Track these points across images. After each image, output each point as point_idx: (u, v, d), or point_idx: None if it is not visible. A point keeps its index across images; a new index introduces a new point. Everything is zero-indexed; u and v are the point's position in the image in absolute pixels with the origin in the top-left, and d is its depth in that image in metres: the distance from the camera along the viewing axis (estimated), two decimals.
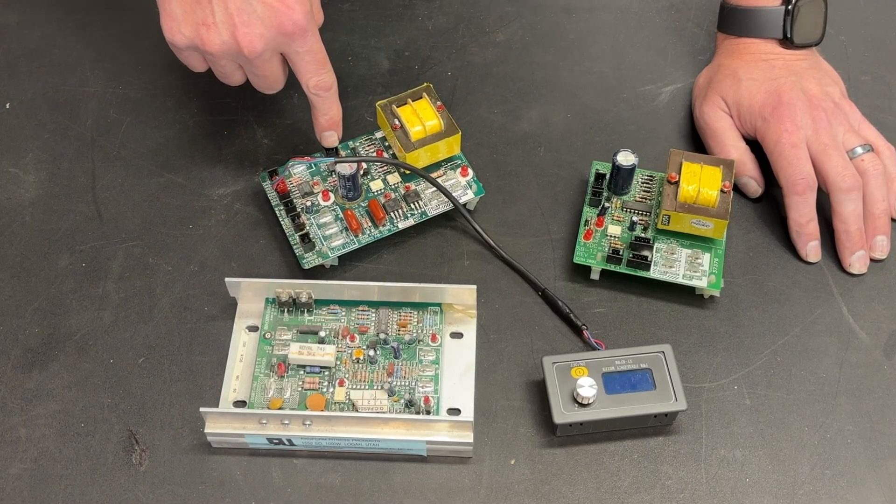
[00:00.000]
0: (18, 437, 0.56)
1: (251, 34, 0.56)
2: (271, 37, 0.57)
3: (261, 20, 0.56)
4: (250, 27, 0.56)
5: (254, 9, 0.56)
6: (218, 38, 0.56)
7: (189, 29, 0.57)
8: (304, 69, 0.59)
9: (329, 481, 0.54)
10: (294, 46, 0.58)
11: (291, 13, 0.56)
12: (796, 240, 0.63)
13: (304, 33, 0.57)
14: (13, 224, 0.65)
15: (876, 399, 0.58)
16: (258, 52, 0.57)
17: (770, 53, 0.67)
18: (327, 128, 0.63)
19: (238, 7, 0.56)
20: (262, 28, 0.56)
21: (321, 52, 0.59)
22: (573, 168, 0.68)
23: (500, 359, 0.59)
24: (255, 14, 0.56)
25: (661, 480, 0.55)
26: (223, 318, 0.60)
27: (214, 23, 0.56)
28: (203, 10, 0.56)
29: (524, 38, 0.76)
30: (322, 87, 0.61)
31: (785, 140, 0.63)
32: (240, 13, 0.56)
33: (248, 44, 0.56)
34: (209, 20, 0.56)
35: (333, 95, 0.62)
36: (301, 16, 0.56)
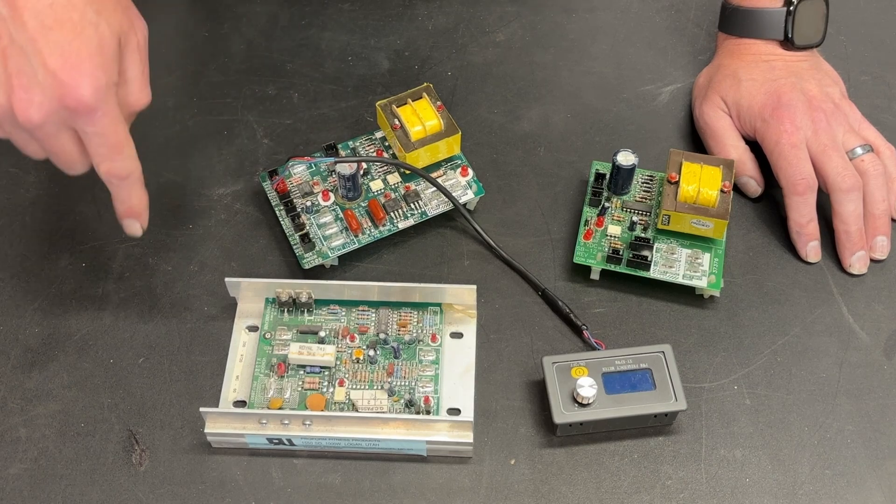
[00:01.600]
0: (18, 437, 0.56)
1: (28, 101, 0.47)
2: (52, 109, 0.47)
3: (41, 88, 0.47)
4: (29, 93, 0.47)
5: (35, 72, 0.47)
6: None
7: None
8: (95, 152, 0.50)
9: (329, 481, 0.54)
10: (81, 125, 0.49)
11: (76, 87, 0.47)
12: (796, 240, 0.63)
13: (91, 113, 0.48)
14: (13, 224, 0.65)
15: (876, 399, 0.58)
16: (36, 123, 0.48)
17: (771, 54, 0.67)
18: (126, 216, 0.55)
19: (18, 67, 0.47)
20: (42, 97, 0.47)
21: (116, 135, 0.50)
22: (573, 168, 0.68)
23: (500, 359, 0.59)
24: (35, 79, 0.47)
25: (661, 480, 0.55)
26: (223, 318, 0.60)
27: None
28: None
29: (524, 38, 0.76)
30: (115, 175, 0.52)
31: (785, 141, 0.63)
32: (19, 74, 0.47)
33: (23, 111, 0.47)
34: None
35: (133, 184, 0.53)
36: (88, 92, 0.47)
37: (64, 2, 0.47)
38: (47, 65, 0.47)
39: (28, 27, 0.46)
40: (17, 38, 0.47)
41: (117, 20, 0.49)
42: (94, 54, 0.47)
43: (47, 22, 0.47)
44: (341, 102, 0.72)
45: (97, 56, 0.48)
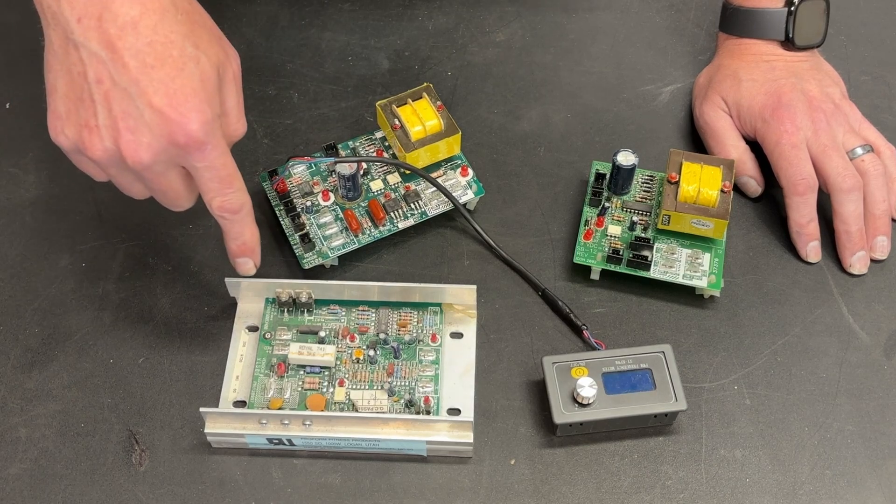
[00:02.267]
0: (18, 437, 0.56)
1: (136, 143, 0.47)
2: (161, 148, 0.47)
3: (149, 128, 0.46)
4: (136, 134, 0.46)
5: (141, 112, 0.46)
6: (101, 143, 0.47)
7: (72, 130, 0.48)
8: (207, 188, 0.50)
9: (329, 481, 0.54)
10: (191, 161, 0.48)
11: (185, 123, 0.46)
12: (797, 240, 0.63)
13: (201, 147, 0.47)
14: (13, 224, 0.65)
15: (876, 399, 0.58)
16: (145, 164, 0.47)
17: (771, 55, 0.67)
18: (239, 254, 0.54)
19: (123, 109, 0.46)
20: (150, 137, 0.46)
21: (226, 167, 0.50)
22: (573, 168, 0.68)
23: (500, 359, 0.59)
24: (141, 119, 0.46)
25: (661, 480, 0.55)
26: (223, 318, 0.60)
27: (97, 126, 0.47)
28: (86, 109, 0.47)
29: (524, 38, 0.76)
30: (228, 210, 0.51)
31: (785, 141, 0.63)
32: (125, 117, 0.46)
33: (133, 153, 0.47)
34: (91, 122, 0.47)
35: (245, 217, 0.52)
36: (197, 126, 0.47)
37: (163, 39, 0.46)
38: (153, 104, 0.46)
39: (130, 68, 0.46)
40: (119, 81, 0.46)
41: (214, 53, 0.49)
42: (197, 89, 0.47)
43: (148, 61, 0.46)
44: (341, 102, 0.72)
45: (201, 91, 0.47)
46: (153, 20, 0.46)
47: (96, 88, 0.46)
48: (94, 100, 0.47)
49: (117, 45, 0.45)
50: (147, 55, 0.46)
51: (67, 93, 0.47)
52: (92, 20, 0.45)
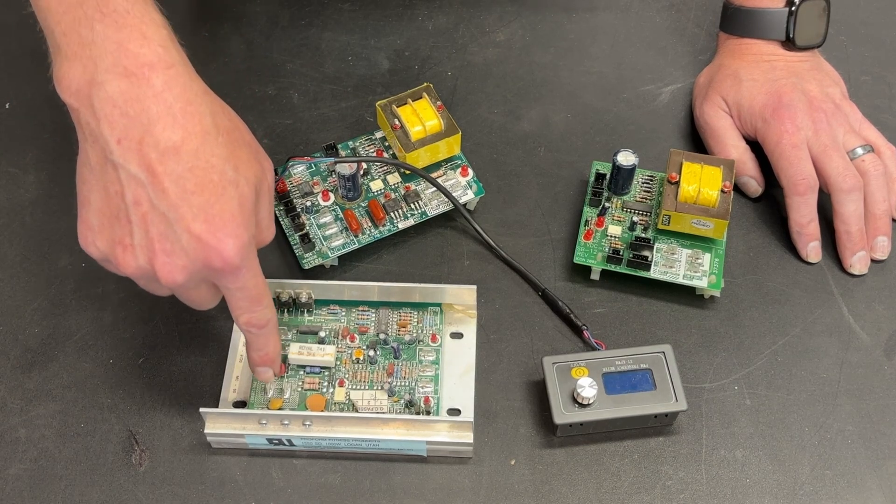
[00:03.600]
0: (18, 437, 0.56)
1: (171, 265, 0.46)
2: (196, 270, 0.47)
3: (185, 252, 0.46)
4: (172, 257, 0.46)
5: (178, 237, 0.45)
6: (134, 261, 0.47)
7: (104, 244, 0.47)
8: (236, 305, 0.50)
9: (329, 481, 0.54)
10: (223, 282, 0.48)
11: (222, 249, 0.46)
12: (797, 240, 0.63)
13: (236, 271, 0.47)
14: (13, 224, 0.65)
15: (876, 399, 0.58)
16: (179, 284, 0.47)
17: (772, 55, 0.67)
18: (260, 363, 0.54)
19: (160, 232, 0.45)
20: (186, 260, 0.46)
21: (257, 287, 0.49)
22: (573, 168, 0.68)
23: (500, 359, 0.59)
24: (178, 243, 0.46)
25: (662, 481, 0.55)
26: (223, 318, 0.60)
27: (132, 245, 0.46)
28: (121, 228, 0.46)
29: (524, 38, 0.76)
30: (255, 325, 0.51)
31: (785, 141, 0.63)
32: (162, 240, 0.46)
33: (167, 274, 0.46)
34: (126, 240, 0.46)
35: (270, 331, 0.52)
36: (234, 252, 0.46)
37: (203, 164, 0.45)
38: (191, 230, 0.45)
39: (169, 194, 0.45)
40: (158, 205, 0.45)
41: (253, 172, 0.48)
42: (235, 214, 0.46)
43: (188, 187, 0.45)
44: (341, 102, 0.72)
45: (239, 215, 0.46)
46: (194, 145, 0.45)
47: (133, 210, 0.45)
48: (130, 220, 0.46)
49: (157, 169, 0.45)
50: (187, 181, 0.45)
51: (102, 208, 0.47)
52: (132, 143, 0.44)
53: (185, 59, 0.47)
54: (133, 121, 0.44)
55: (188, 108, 0.45)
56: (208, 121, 0.46)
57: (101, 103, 0.45)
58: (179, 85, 0.45)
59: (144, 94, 0.44)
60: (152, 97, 0.44)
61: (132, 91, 0.44)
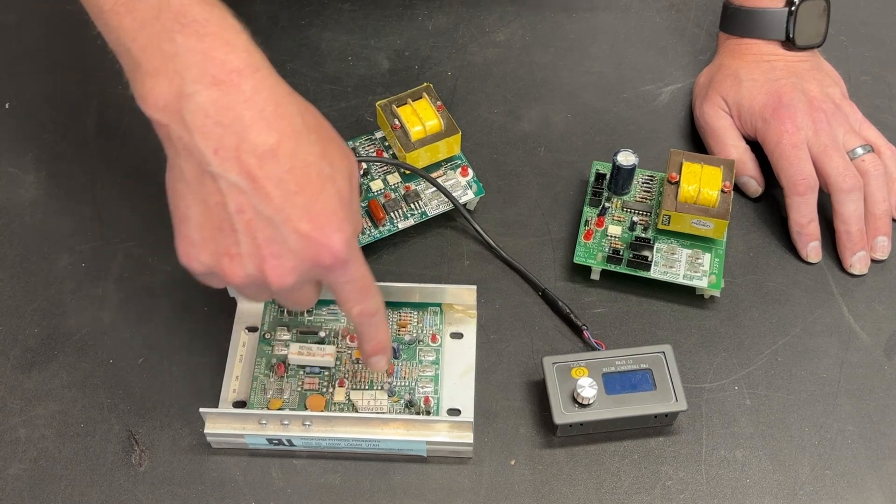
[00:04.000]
0: (18, 437, 0.56)
1: (281, 268, 0.46)
2: (305, 269, 0.47)
3: (293, 253, 0.46)
4: (281, 260, 0.46)
5: (285, 239, 0.45)
6: (242, 270, 0.46)
7: (209, 257, 0.47)
8: (347, 298, 0.50)
9: (329, 482, 0.54)
10: (333, 277, 0.48)
11: (330, 244, 0.46)
12: (797, 240, 0.63)
13: (345, 265, 0.47)
14: (13, 224, 0.65)
15: (876, 399, 0.58)
16: (289, 286, 0.47)
17: (772, 55, 0.67)
18: (374, 353, 0.53)
19: (267, 237, 0.45)
20: (295, 261, 0.46)
21: (365, 277, 0.49)
22: (573, 168, 0.68)
23: (500, 359, 0.59)
24: (286, 245, 0.45)
25: (662, 481, 0.55)
26: (223, 319, 0.60)
27: (239, 254, 0.46)
28: (226, 238, 0.46)
29: (524, 38, 0.76)
30: (367, 315, 0.51)
31: (786, 141, 0.63)
32: (269, 244, 0.46)
33: (278, 278, 0.46)
34: (232, 250, 0.46)
35: (381, 319, 0.52)
36: (341, 246, 0.46)
37: (301, 164, 0.45)
38: (299, 230, 0.45)
39: (273, 198, 0.45)
40: (262, 210, 0.45)
41: (345, 166, 0.48)
42: (337, 209, 0.46)
43: (291, 188, 0.45)
44: (341, 102, 0.72)
45: (340, 210, 0.46)
46: (290, 146, 0.45)
47: (237, 218, 0.45)
48: (235, 229, 0.46)
49: (258, 174, 0.44)
50: (288, 182, 0.45)
51: (203, 222, 0.46)
52: (229, 151, 0.44)
53: (267, 61, 0.47)
54: (227, 129, 0.44)
55: (279, 111, 0.45)
56: (299, 121, 0.46)
57: (192, 115, 0.44)
58: (267, 88, 0.46)
59: (236, 101, 0.44)
60: (243, 103, 0.44)
61: (223, 99, 0.44)
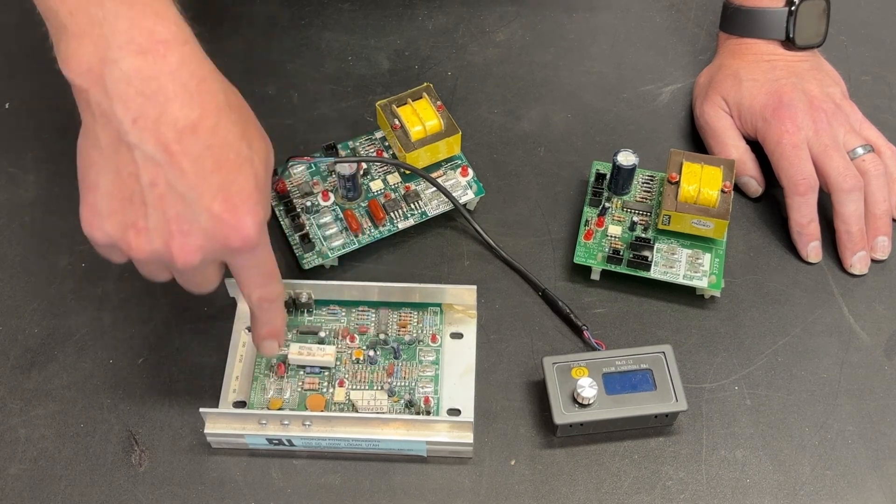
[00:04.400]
0: (18, 437, 0.56)
1: (188, 245, 0.45)
2: (212, 249, 0.46)
3: (203, 231, 0.45)
4: (189, 237, 0.45)
5: (196, 217, 0.44)
6: (148, 245, 0.45)
7: (114, 228, 0.45)
8: (250, 282, 0.49)
9: (329, 482, 0.54)
10: (239, 260, 0.48)
11: (242, 227, 0.45)
12: (797, 240, 0.63)
13: (254, 249, 0.47)
14: (13, 224, 0.65)
15: (877, 399, 0.58)
16: (193, 265, 0.46)
17: (772, 54, 0.67)
18: (268, 337, 0.53)
19: (178, 213, 0.44)
20: (203, 240, 0.45)
21: (270, 263, 0.49)
22: (573, 168, 0.68)
23: (500, 359, 0.59)
24: (196, 223, 0.45)
25: (662, 481, 0.54)
26: (223, 319, 0.60)
27: (146, 227, 0.45)
28: (135, 210, 0.45)
29: (524, 38, 0.76)
30: (267, 300, 0.51)
31: (786, 141, 0.63)
32: (179, 220, 0.44)
33: (183, 256, 0.45)
34: (140, 224, 0.45)
35: (279, 304, 0.52)
36: (253, 230, 0.45)
37: (220, 142, 0.45)
38: (211, 209, 0.44)
39: (188, 174, 0.44)
40: (176, 185, 0.44)
41: (263, 149, 0.48)
42: (253, 192, 0.46)
43: (207, 166, 0.44)
44: (341, 102, 0.72)
45: (255, 193, 0.46)
46: (211, 122, 0.44)
47: (149, 191, 0.44)
48: (145, 202, 0.45)
49: (175, 149, 0.43)
50: (206, 160, 0.44)
51: (112, 191, 0.45)
52: (149, 122, 0.43)
53: (194, 37, 0.46)
54: (149, 99, 0.43)
55: (202, 86, 0.44)
56: (222, 98, 0.45)
57: (114, 83, 0.43)
58: (194, 62, 0.44)
59: (160, 72, 0.43)
60: (168, 74, 0.43)
61: (148, 69, 0.43)
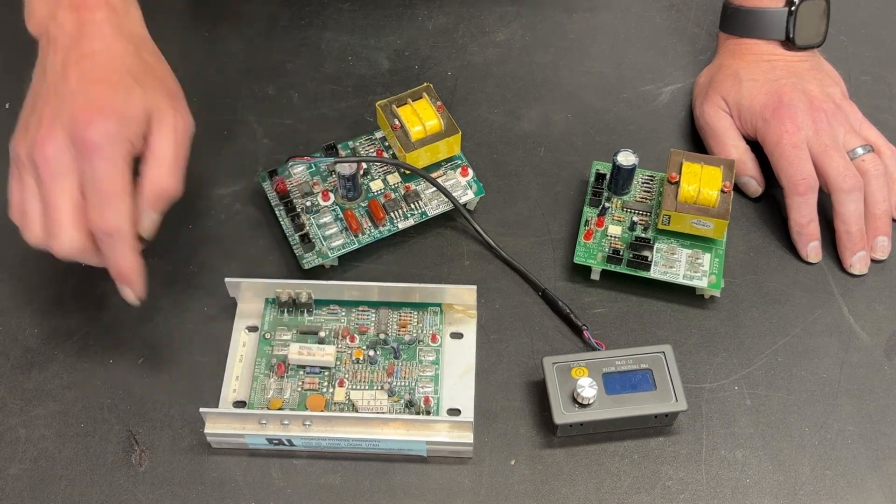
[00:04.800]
0: (18, 437, 0.56)
1: (47, 137, 0.51)
2: (63, 144, 0.50)
3: (61, 125, 0.51)
4: (50, 131, 0.51)
5: (62, 115, 0.51)
6: (24, 141, 0.52)
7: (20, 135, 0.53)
8: (88, 199, 0.51)
9: (329, 482, 0.54)
10: (82, 165, 0.50)
11: (87, 124, 0.50)
12: (797, 240, 0.63)
13: (93, 151, 0.50)
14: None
15: (877, 399, 0.58)
16: (47, 156, 0.50)
17: (772, 54, 0.67)
18: (117, 279, 0.53)
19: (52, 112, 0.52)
20: (60, 133, 0.51)
21: (112, 182, 0.50)
22: (573, 168, 0.68)
23: (500, 359, 0.59)
24: (59, 120, 0.51)
25: (662, 481, 0.54)
26: (223, 319, 0.60)
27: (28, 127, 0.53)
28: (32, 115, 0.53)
29: (524, 38, 0.76)
30: (100, 228, 0.51)
31: (786, 141, 0.63)
32: (50, 118, 0.51)
33: (41, 145, 0.51)
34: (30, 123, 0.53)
35: (119, 242, 0.51)
36: (97, 132, 0.50)
37: (106, 64, 0.53)
38: (73, 108, 0.51)
39: (70, 81, 0.52)
40: (60, 91, 0.52)
41: (155, 97, 0.53)
42: (116, 107, 0.51)
43: (89, 77, 0.52)
44: (341, 102, 0.72)
45: (118, 109, 0.51)
46: (110, 54, 0.53)
47: (43, 100, 0.53)
48: (35, 108, 0.53)
49: (70, 61, 0.53)
50: (90, 73, 0.52)
51: (32, 106, 0.53)
52: (64, 51, 0.53)
53: (136, 8, 0.57)
54: (71, 38, 0.53)
55: (117, 32, 0.54)
56: (132, 48, 0.54)
57: (52, 29, 0.54)
58: (115, 23, 0.54)
59: (85, 20, 0.53)
60: (90, 23, 0.53)
61: (77, 18, 0.54)
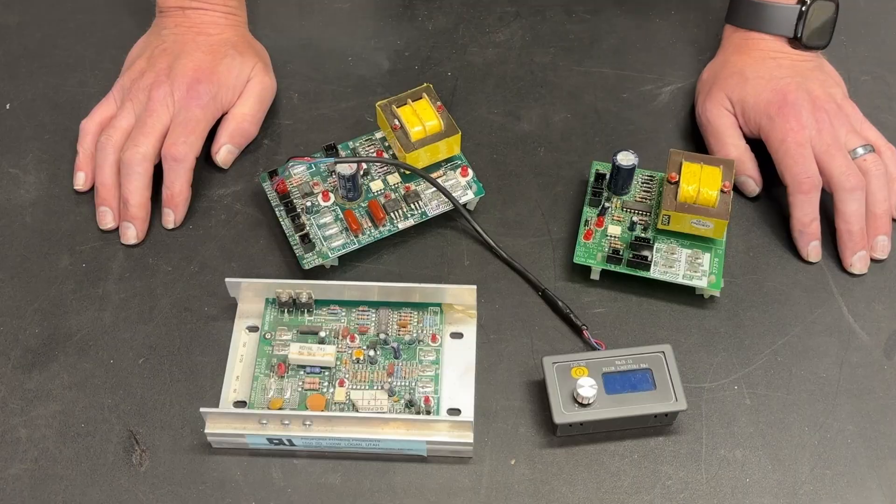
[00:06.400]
0: (18, 437, 0.56)
1: (156, 77, 0.66)
2: (167, 91, 0.66)
3: (171, 74, 0.66)
4: (162, 76, 0.66)
5: (175, 67, 0.66)
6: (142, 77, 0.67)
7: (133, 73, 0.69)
8: (170, 133, 0.65)
9: (329, 481, 0.54)
10: (178, 108, 0.66)
11: (188, 75, 0.66)
12: (798, 239, 0.63)
13: (190, 98, 0.66)
14: (13, 224, 0.65)
15: (876, 399, 0.58)
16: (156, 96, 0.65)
17: (778, 52, 0.67)
18: (166, 203, 0.65)
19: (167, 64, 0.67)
20: (167, 79, 0.66)
21: (196, 122, 0.65)
22: (573, 168, 0.68)
23: (500, 359, 0.59)
24: (173, 70, 0.66)
25: (662, 480, 0.55)
26: (223, 319, 0.60)
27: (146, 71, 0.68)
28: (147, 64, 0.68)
29: (524, 38, 0.76)
30: (172, 156, 0.64)
31: (790, 139, 0.63)
32: (166, 66, 0.67)
33: (153, 78, 0.67)
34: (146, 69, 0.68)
35: (183, 170, 0.64)
36: (201, 87, 0.66)
37: (217, 41, 0.68)
38: (185, 68, 0.66)
39: (187, 48, 0.67)
40: (178, 53, 0.67)
41: (253, 63, 0.69)
42: (219, 71, 0.67)
43: (203, 48, 0.67)
44: (341, 102, 0.72)
45: (220, 76, 0.67)
46: (222, 36, 0.69)
47: (158, 54, 0.68)
48: (150, 59, 0.68)
49: (189, 39, 0.68)
50: (204, 45, 0.68)
51: (141, 53, 0.69)
52: (182, 26, 0.69)
53: (242, 13, 0.71)
54: (193, 21, 0.69)
55: (227, 21, 0.70)
56: (240, 29, 0.71)
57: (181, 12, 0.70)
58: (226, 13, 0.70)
59: (206, 9, 0.69)
60: (210, 12, 0.69)
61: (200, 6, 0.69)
